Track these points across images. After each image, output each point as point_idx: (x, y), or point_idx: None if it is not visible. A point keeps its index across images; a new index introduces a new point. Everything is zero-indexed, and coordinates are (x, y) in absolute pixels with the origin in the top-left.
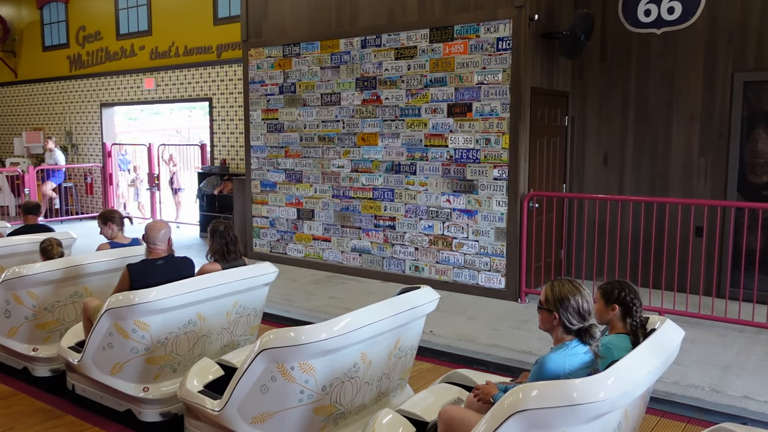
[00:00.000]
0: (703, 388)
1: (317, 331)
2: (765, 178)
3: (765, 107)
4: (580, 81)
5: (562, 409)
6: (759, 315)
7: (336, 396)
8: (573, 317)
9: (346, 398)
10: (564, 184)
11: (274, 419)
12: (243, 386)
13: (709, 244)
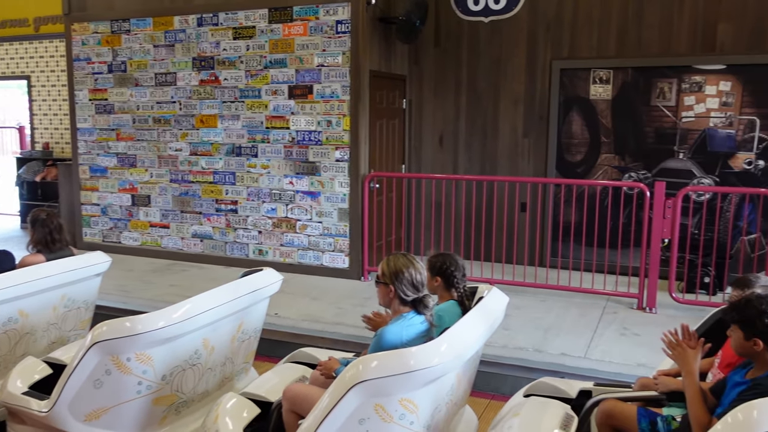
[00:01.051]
0: (528, 349)
1: (154, 319)
2: (579, 157)
3: (578, 93)
4: (416, 65)
5: (400, 377)
6: (574, 280)
7: (177, 385)
8: (408, 289)
9: (188, 386)
10: (403, 165)
11: (110, 414)
12: (74, 383)
13: (533, 218)
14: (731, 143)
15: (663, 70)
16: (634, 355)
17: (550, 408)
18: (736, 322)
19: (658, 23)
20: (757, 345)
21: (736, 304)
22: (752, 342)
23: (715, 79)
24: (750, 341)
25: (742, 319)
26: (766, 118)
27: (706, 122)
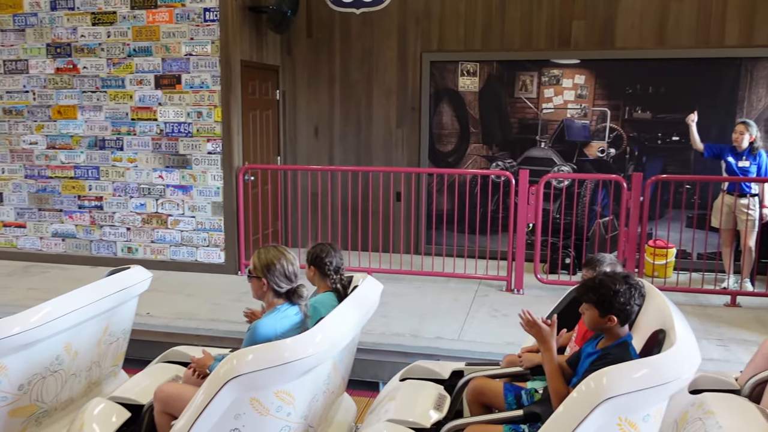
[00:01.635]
0: (405, 335)
1: (8, 325)
2: (449, 147)
3: (447, 84)
4: (289, 56)
5: (276, 369)
6: (447, 266)
7: (37, 394)
8: (280, 280)
9: (49, 394)
10: (278, 157)
11: None
12: None
13: (407, 208)
14: (586, 133)
15: (525, 64)
16: (503, 334)
17: (424, 390)
18: (592, 302)
19: (519, 19)
20: (611, 321)
21: (591, 285)
22: (607, 318)
23: (571, 73)
24: (605, 318)
25: (599, 299)
26: (616, 109)
27: (564, 113)
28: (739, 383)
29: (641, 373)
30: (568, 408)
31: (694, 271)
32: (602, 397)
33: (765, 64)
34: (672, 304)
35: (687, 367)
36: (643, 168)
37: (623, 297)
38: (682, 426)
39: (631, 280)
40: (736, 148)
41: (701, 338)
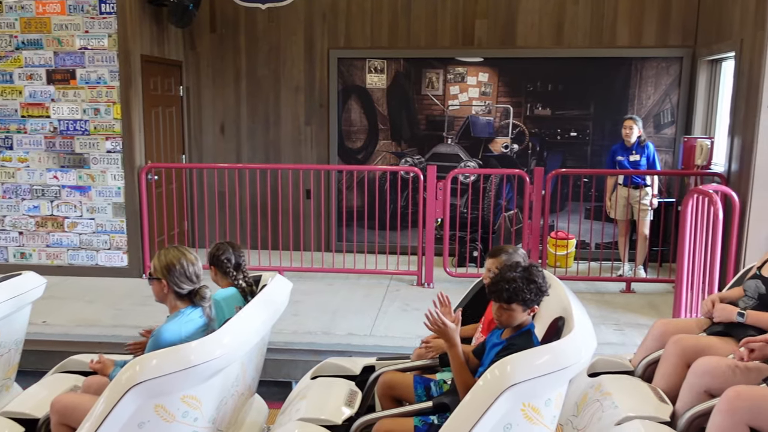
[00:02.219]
0: (317, 333)
1: None
2: (358, 144)
3: (355, 81)
4: (192, 51)
5: (181, 373)
6: (359, 263)
7: None
8: (182, 281)
9: None
10: (183, 155)
11: None
12: None
13: (318, 205)
14: (490, 129)
15: (431, 62)
16: (415, 328)
17: (336, 387)
18: (498, 300)
19: (424, 17)
20: (515, 309)
21: (494, 280)
22: (510, 309)
23: (475, 71)
24: (509, 307)
25: (509, 297)
26: (518, 106)
27: (469, 110)
28: (632, 364)
29: (543, 359)
30: (475, 396)
31: (593, 260)
32: (506, 384)
33: (652, 63)
34: (571, 293)
35: (585, 352)
36: (544, 163)
37: (515, 284)
38: (582, 407)
39: (531, 268)
40: (625, 144)
41: (599, 324)
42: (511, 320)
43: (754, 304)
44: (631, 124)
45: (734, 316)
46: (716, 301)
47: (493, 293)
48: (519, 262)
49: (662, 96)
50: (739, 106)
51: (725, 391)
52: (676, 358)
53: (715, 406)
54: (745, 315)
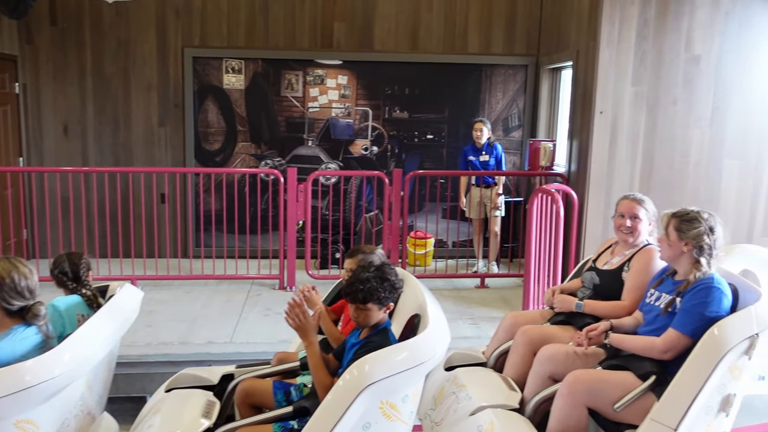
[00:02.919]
0: (173, 343)
1: None
2: (217, 146)
3: (212, 81)
4: (30, 45)
5: (15, 396)
6: (219, 268)
7: None
8: (12, 297)
9: None
10: (21, 158)
11: None
12: None
13: (173, 209)
14: (350, 131)
15: (290, 63)
16: (277, 332)
17: (192, 398)
18: (354, 301)
19: (282, 18)
20: (371, 309)
21: (351, 286)
22: (366, 309)
23: (334, 73)
24: (365, 306)
25: (364, 297)
26: (377, 109)
27: (329, 112)
28: (485, 356)
29: (400, 356)
30: (334, 397)
31: (450, 258)
32: (365, 383)
33: (500, 70)
34: (426, 290)
35: (439, 347)
36: (402, 164)
37: (369, 283)
38: (440, 401)
39: (384, 267)
40: (476, 145)
41: (456, 319)
42: (368, 320)
43: (591, 294)
44: (481, 126)
45: (573, 306)
46: (557, 292)
47: (348, 294)
48: (372, 262)
49: (510, 101)
50: (576, 112)
51: (566, 376)
52: (523, 347)
53: (558, 390)
54: (582, 305)
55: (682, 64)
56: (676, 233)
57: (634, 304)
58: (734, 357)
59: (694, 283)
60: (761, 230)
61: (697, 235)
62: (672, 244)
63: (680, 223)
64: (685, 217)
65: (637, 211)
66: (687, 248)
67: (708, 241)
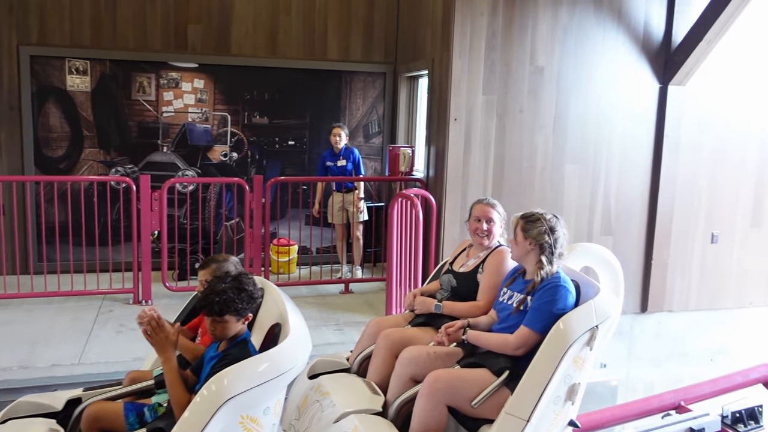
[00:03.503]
0: (12, 368)
1: None
2: (60, 152)
3: (53, 82)
4: None
5: None
6: (64, 284)
7: None
8: None
9: None
10: None
11: None
12: None
13: (10, 221)
14: (208, 137)
15: (141, 65)
16: (131, 350)
17: (32, 428)
18: (211, 313)
19: (132, 17)
20: (228, 320)
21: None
22: (224, 321)
23: (190, 77)
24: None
25: (220, 309)
26: (236, 114)
27: (185, 117)
28: (350, 362)
29: (260, 368)
30: (191, 414)
31: (314, 264)
32: (223, 398)
33: (360, 77)
34: (287, 298)
35: (301, 356)
36: (264, 171)
37: (225, 295)
38: (303, 410)
39: (241, 277)
40: (334, 150)
41: (321, 325)
42: (225, 332)
43: (449, 296)
44: (339, 131)
45: (432, 307)
46: (417, 294)
47: (204, 307)
48: (228, 272)
49: (370, 108)
50: (433, 119)
51: (426, 376)
52: (384, 351)
53: (419, 390)
54: (441, 306)
55: (527, 75)
56: (522, 233)
57: (488, 304)
58: (578, 348)
59: (543, 282)
60: (600, 229)
61: (538, 234)
62: (519, 243)
63: (525, 224)
64: (529, 218)
65: (491, 214)
66: (531, 247)
67: (548, 240)
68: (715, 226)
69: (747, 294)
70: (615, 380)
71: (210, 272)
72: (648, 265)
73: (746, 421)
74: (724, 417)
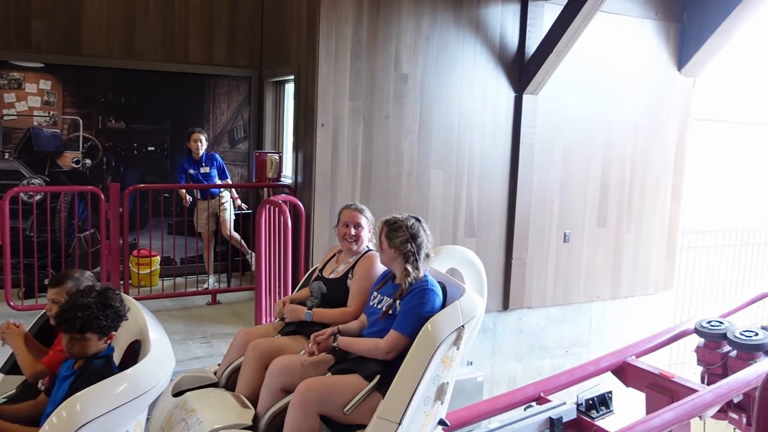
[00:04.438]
0: None
1: None
2: None
3: None
4: None
5: None
6: None
7: None
8: None
9: None
10: None
11: None
12: None
13: None
14: (58, 142)
15: None
16: None
17: None
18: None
19: None
20: (89, 338)
21: (66, 313)
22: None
23: (35, 77)
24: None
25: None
26: (88, 118)
27: (31, 121)
28: (217, 376)
29: (118, 389)
30: None
31: (179, 275)
32: (77, 424)
33: (224, 81)
34: (148, 312)
35: (163, 374)
36: (122, 178)
37: (89, 310)
38: (168, 429)
39: (107, 292)
40: (194, 157)
41: (187, 339)
42: (85, 350)
43: (319, 303)
44: (200, 136)
45: (303, 315)
46: (287, 302)
47: (63, 323)
48: (92, 286)
49: (235, 113)
50: (300, 124)
51: (297, 386)
52: (254, 362)
53: (291, 401)
54: (311, 314)
55: (392, 82)
56: (386, 241)
57: (359, 310)
58: (445, 348)
59: (411, 286)
60: (464, 231)
61: (401, 244)
62: (385, 250)
63: (389, 232)
64: (392, 226)
65: (359, 219)
66: (396, 254)
67: (411, 248)
68: (566, 225)
69: (595, 288)
70: (481, 376)
71: (63, 290)
72: (508, 264)
73: (598, 407)
74: (579, 405)
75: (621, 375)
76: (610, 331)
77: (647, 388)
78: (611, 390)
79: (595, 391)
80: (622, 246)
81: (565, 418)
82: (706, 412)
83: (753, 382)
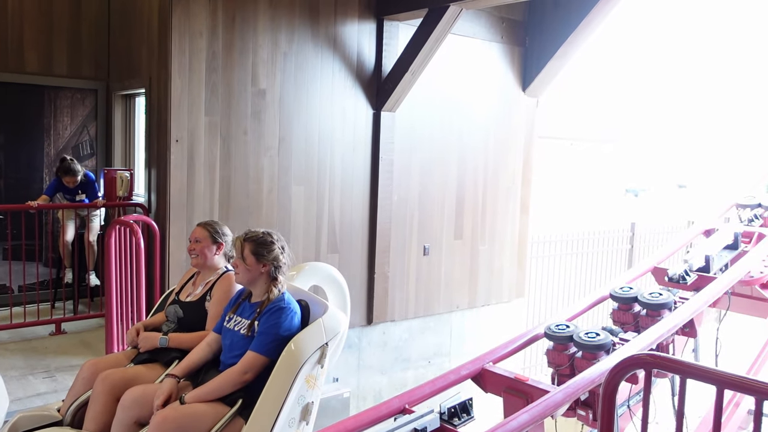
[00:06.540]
0: None
1: None
2: None
3: None
4: None
5: None
6: None
7: None
8: None
9: None
10: None
11: None
12: None
13: None
14: None
15: None
16: None
17: None
18: None
19: None
20: None
21: None
22: None
23: None
24: None
25: None
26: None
27: None
28: (61, 413)
29: None
30: None
31: (17, 305)
32: None
33: (67, 93)
34: None
35: None
36: None
37: None
38: None
39: None
40: (67, 187)
41: (27, 374)
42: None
43: (176, 328)
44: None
45: (158, 341)
46: (140, 329)
47: None
48: None
49: (80, 127)
50: (153, 140)
51: (152, 417)
52: (104, 396)
53: None
54: (167, 339)
55: (250, 97)
56: (253, 257)
57: None
58: (309, 368)
59: (268, 306)
60: (326, 248)
61: (276, 257)
62: (250, 267)
63: (257, 247)
64: (259, 240)
65: (201, 234)
66: (265, 269)
67: (284, 259)
68: (426, 239)
69: (454, 299)
70: (347, 392)
71: None
72: (371, 279)
73: (460, 414)
74: (442, 414)
75: (480, 381)
76: (469, 340)
77: (504, 392)
78: (471, 397)
79: (457, 399)
80: (478, 257)
81: (429, 428)
82: (557, 411)
83: (597, 380)
